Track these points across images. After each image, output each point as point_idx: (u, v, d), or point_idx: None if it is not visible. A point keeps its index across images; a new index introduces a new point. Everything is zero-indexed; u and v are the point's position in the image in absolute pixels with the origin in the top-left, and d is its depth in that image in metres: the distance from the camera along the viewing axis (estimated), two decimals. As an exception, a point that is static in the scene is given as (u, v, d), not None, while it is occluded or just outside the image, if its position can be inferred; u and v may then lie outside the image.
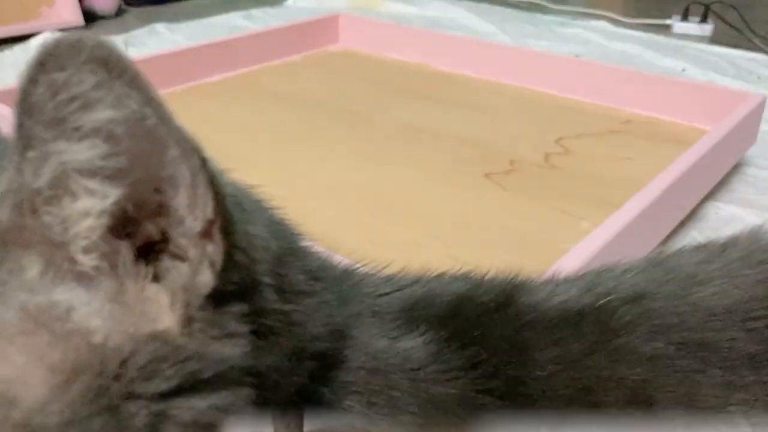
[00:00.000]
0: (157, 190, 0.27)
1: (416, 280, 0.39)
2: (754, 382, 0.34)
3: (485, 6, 1.95)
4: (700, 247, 0.42)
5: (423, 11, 1.91)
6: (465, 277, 0.40)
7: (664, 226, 0.81)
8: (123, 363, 0.27)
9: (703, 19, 1.72)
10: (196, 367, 0.28)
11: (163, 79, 1.18)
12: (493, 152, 1.01)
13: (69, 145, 0.25)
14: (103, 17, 1.81)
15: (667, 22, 1.77)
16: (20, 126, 0.25)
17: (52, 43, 0.24)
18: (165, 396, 0.27)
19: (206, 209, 0.27)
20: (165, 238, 0.28)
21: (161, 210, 0.27)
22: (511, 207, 0.86)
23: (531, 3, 2.01)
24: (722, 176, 0.97)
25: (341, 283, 0.37)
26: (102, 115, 0.24)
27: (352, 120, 1.13)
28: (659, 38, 1.67)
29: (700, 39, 1.68)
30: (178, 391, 0.28)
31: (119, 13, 1.87)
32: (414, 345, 0.35)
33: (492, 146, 1.03)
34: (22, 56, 1.47)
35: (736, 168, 1.02)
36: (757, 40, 1.64)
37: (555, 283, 0.39)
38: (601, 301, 0.37)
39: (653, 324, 0.36)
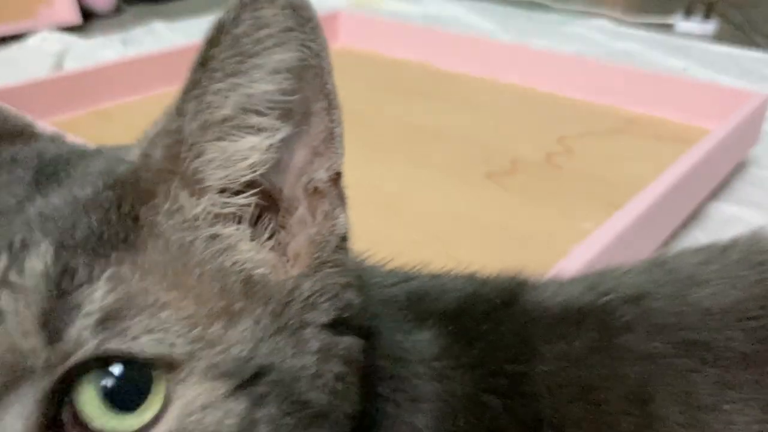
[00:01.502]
0: (295, 138, 0.29)
1: (420, 274, 0.40)
2: (750, 381, 0.34)
3: (486, 4, 1.94)
4: (701, 249, 0.42)
5: (424, 9, 1.90)
6: (471, 275, 0.40)
7: (666, 226, 0.80)
8: (290, 292, 0.29)
9: (706, 18, 1.72)
10: (340, 304, 0.30)
11: (161, 78, 1.16)
12: (494, 152, 1.00)
13: (257, 78, 0.27)
14: (101, 15, 1.80)
15: (670, 20, 1.77)
16: (209, 59, 0.27)
17: None
18: (327, 327, 0.30)
19: (337, 162, 0.30)
20: (280, 197, 0.30)
21: (289, 162, 0.29)
22: (511, 207, 0.86)
23: (532, 2, 2.00)
24: (725, 176, 0.96)
25: None
26: (287, 55, 0.27)
27: (351, 119, 1.11)
28: (661, 37, 1.66)
29: (703, 38, 1.67)
30: (335, 326, 0.30)
31: (117, 11, 1.86)
32: (425, 338, 0.35)
33: (493, 146, 1.02)
34: (19, 55, 1.46)
35: (739, 167, 1.02)
36: (760, 39, 1.63)
37: (559, 282, 0.40)
38: (602, 300, 0.37)
39: (652, 323, 0.36)
